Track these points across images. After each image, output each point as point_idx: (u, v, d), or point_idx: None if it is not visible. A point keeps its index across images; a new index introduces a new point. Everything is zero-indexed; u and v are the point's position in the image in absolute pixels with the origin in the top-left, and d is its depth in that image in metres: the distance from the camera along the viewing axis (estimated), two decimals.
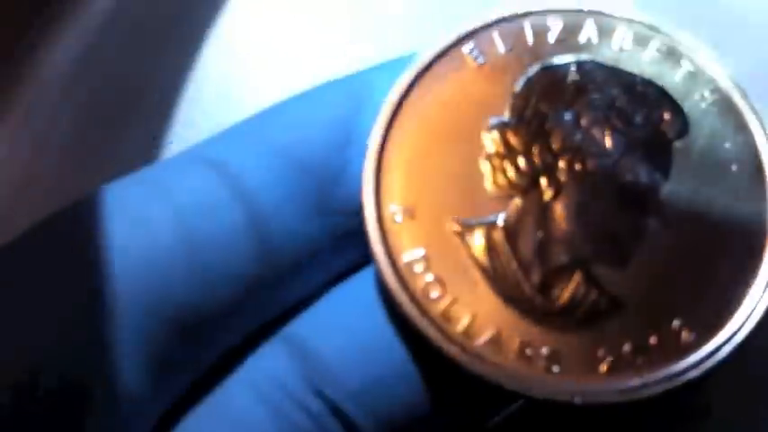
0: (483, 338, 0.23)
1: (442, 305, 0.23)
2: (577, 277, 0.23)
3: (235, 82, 0.34)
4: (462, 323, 0.23)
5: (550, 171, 0.24)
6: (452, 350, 0.23)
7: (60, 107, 0.34)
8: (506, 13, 0.25)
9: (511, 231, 0.24)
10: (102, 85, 0.34)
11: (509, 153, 0.24)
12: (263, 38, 0.34)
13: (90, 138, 0.34)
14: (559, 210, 0.24)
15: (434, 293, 0.23)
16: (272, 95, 0.27)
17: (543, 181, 0.24)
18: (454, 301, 0.23)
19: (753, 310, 0.23)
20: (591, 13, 0.25)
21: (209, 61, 0.34)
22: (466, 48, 0.25)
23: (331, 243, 0.24)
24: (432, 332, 0.23)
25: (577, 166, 0.24)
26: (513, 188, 0.24)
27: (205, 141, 0.25)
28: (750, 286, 0.23)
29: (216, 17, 0.34)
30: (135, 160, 0.31)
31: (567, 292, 0.23)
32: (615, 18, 0.25)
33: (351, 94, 0.25)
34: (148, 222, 0.23)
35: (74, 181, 0.33)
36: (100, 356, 0.22)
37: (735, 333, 0.23)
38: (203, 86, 0.34)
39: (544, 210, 0.24)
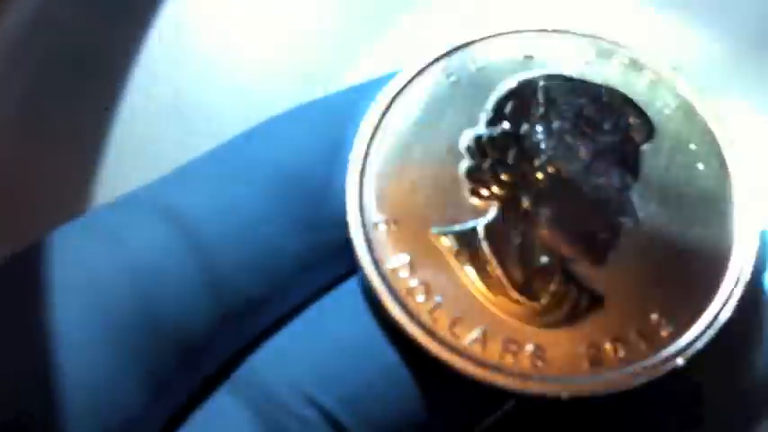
0: (469, 338, 0.23)
1: (428, 307, 0.24)
2: (558, 277, 0.24)
3: (188, 50, 0.34)
4: (448, 324, 0.23)
5: (527, 179, 0.25)
6: (440, 351, 0.23)
7: (9, 76, 0.33)
8: (477, 36, 0.26)
9: (492, 236, 0.24)
10: (53, 53, 0.34)
11: (487, 165, 0.25)
12: (215, 5, 0.34)
13: (40, 108, 0.33)
14: (538, 215, 0.24)
15: (420, 297, 0.24)
16: (224, 63, 0.27)
17: (521, 189, 0.25)
18: (439, 304, 0.24)
19: (727, 301, 0.24)
20: (556, 31, 0.26)
21: (163, 29, 0.34)
22: (439, 67, 0.26)
23: (318, 257, 0.25)
24: (419, 334, 0.23)
25: (552, 173, 0.25)
26: (492, 197, 0.25)
27: (165, 178, 0.25)
28: (722, 278, 0.24)
29: None
30: (86, 131, 0.32)
31: (548, 291, 0.24)
32: (579, 35, 0.26)
33: (334, 112, 0.26)
34: (103, 279, 0.23)
35: (24, 151, 0.32)
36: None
37: (711, 323, 0.24)
38: (157, 55, 0.34)
39: (523, 216, 0.24)
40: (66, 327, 0.22)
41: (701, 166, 0.25)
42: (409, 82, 0.26)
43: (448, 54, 0.26)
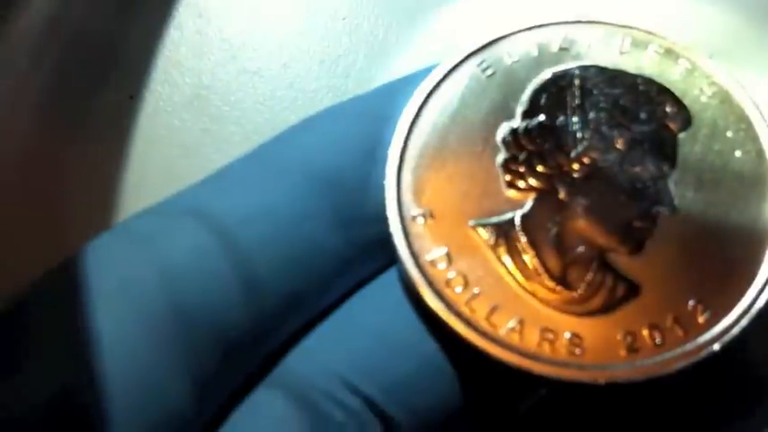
0: (506, 327, 0.24)
1: (466, 297, 0.24)
2: (594, 266, 0.24)
3: (210, 38, 0.34)
4: (486, 314, 0.24)
5: (563, 170, 0.25)
6: (478, 340, 0.23)
7: (33, 66, 0.33)
8: (512, 29, 0.26)
9: (528, 227, 0.24)
10: (77, 42, 0.34)
11: (523, 157, 0.25)
12: (230, 10, 0.34)
13: (65, 99, 0.33)
14: (574, 205, 0.24)
15: (458, 288, 0.24)
16: (246, 51, 0.27)
17: (557, 180, 0.25)
18: (477, 294, 0.24)
19: (764, 287, 0.24)
20: (590, 22, 0.26)
21: (185, 18, 0.34)
22: (476, 61, 0.26)
23: (358, 252, 0.25)
24: (458, 324, 0.23)
25: (588, 163, 0.25)
26: (529, 188, 0.25)
27: (198, 188, 0.25)
28: (759, 264, 0.24)
29: None
30: (112, 121, 0.32)
31: (585, 280, 0.24)
32: (613, 25, 0.26)
33: (370, 110, 0.26)
34: (143, 285, 0.23)
35: (50, 141, 0.32)
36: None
37: (748, 309, 0.24)
38: (179, 44, 0.33)
39: (559, 206, 0.25)
40: (111, 332, 0.22)
41: (738, 153, 0.25)
42: (445, 77, 0.25)
43: (483, 48, 0.26)
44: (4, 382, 0.22)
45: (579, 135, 0.25)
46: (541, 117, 0.25)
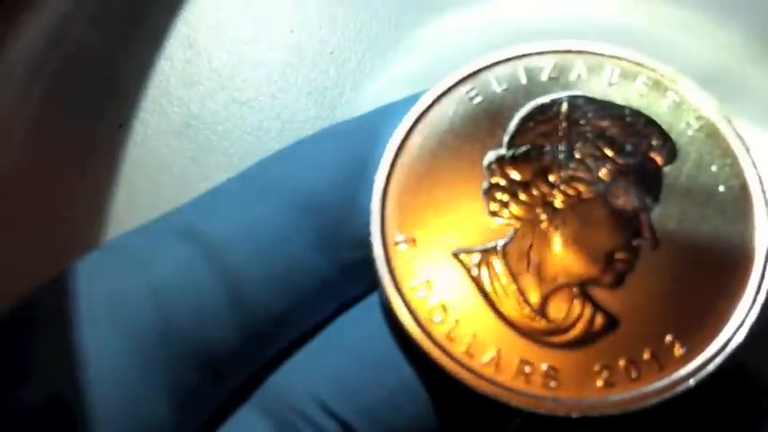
0: (484, 358, 0.23)
1: (446, 327, 0.23)
2: (574, 297, 0.24)
3: (199, 69, 0.33)
4: (464, 343, 0.23)
5: (547, 200, 0.24)
6: (455, 369, 0.23)
7: (27, 93, 0.33)
8: (501, 56, 0.25)
9: (510, 256, 0.24)
10: (70, 71, 0.33)
11: (507, 185, 0.24)
12: (226, 25, 0.34)
13: (57, 123, 0.33)
14: (556, 236, 0.24)
15: (437, 317, 0.23)
16: (234, 82, 0.27)
17: (540, 209, 0.24)
18: (457, 323, 0.23)
19: (741, 324, 0.23)
20: (580, 52, 0.25)
21: (175, 48, 0.34)
22: (464, 88, 0.25)
23: (341, 275, 0.25)
24: (436, 352, 0.23)
25: (572, 194, 0.24)
26: (512, 217, 0.24)
27: (185, 208, 0.25)
28: (738, 301, 0.23)
29: (183, 3, 0.34)
30: (102, 147, 0.32)
31: (564, 312, 0.24)
32: (603, 55, 0.25)
33: (358, 134, 0.25)
34: (130, 301, 0.23)
35: (41, 165, 0.32)
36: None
37: (724, 346, 0.23)
38: (169, 73, 0.33)
39: (541, 236, 0.24)
40: (98, 346, 0.23)
41: (721, 188, 0.24)
42: (434, 102, 0.25)
43: (472, 75, 0.25)
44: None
45: (564, 165, 0.24)
46: (527, 146, 0.24)
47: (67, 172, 0.32)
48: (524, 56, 0.25)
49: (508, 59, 0.25)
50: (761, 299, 0.23)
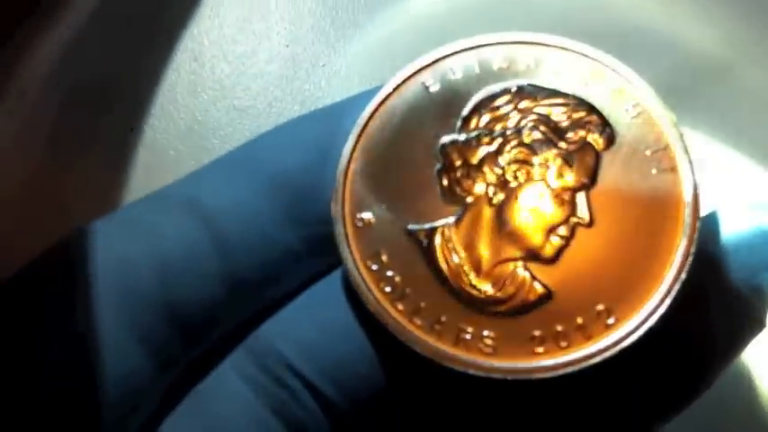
0: (429, 324, 0.24)
1: (394, 296, 0.24)
2: (515, 271, 0.24)
3: (204, 79, 0.35)
4: (412, 311, 0.24)
5: (495, 181, 0.25)
6: (402, 335, 0.24)
7: (46, 99, 0.35)
8: (457, 47, 0.26)
9: (458, 232, 0.25)
10: (85, 81, 0.35)
11: (459, 166, 0.25)
12: (228, 40, 0.36)
13: (73, 128, 0.34)
14: (502, 214, 0.25)
15: (388, 287, 0.24)
16: (235, 91, 0.28)
17: (488, 189, 0.25)
18: (405, 294, 0.24)
19: (665, 296, 0.24)
20: (529, 43, 0.26)
21: (182, 60, 0.35)
22: (423, 77, 0.26)
23: (309, 249, 0.25)
24: (386, 320, 0.24)
25: (519, 176, 0.25)
26: (462, 196, 0.25)
27: (188, 177, 0.27)
28: (663, 275, 0.24)
29: (189, 20, 0.36)
30: (114, 151, 0.33)
31: (504, 284, 0.24)
32: (550, 46, 0.26)
33: (326, 121, 0.26)
34: (130, 257, 0.25)
35: (57, 167, 0.33)
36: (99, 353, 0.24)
37: (649, 316, 0.24)
38: (176, 83, 0.35)
39: (488, 214, 0.25)
40: (94, 304, 0.24)
41: (654, 171, 0.25)
42: (394, 91, 0.26)
43: (430, 65, 0.26)
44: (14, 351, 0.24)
45: (511, 149, 0.25)
46: (479, 130, 0.25)
47: (84, 173, 0.33)
48: (478, 47, 0.26)
49: (463, 50, 0.26)
50: (683, 276, 0.24)
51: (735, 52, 0.34)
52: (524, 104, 0.25)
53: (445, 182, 0.25)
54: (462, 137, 0.25)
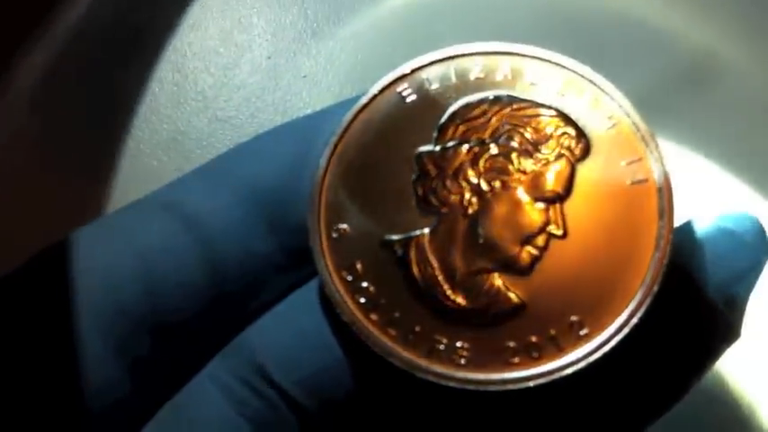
0: (402, 335, 0.24)
1: (368, 307, 0.24)
2: (488, 283, 0.24)
3: (186, 90, 0.35)
4: (386, 321, 0.24)
5: (471, 190, 0.24)
6: (377, 345, 0.24)
7: (32, 109, 0.35)
8: (434, 57, 0.26)
9: (432, 243, 0.24)
10: (71, 92, 0.35)
11: (435, 175, 0.25)
12: (210, 53, 0.36)
13: (59, 138, 0.34)
14: (477, 224, 0.24)
15: (362, 298, 0.24)
16: (217, 102, 0.28)
17: (464, 199, 0.24)
18: (379, 305, 0.24)
19: (637, 308, 0.23)
20: (506, 54, 0.26)
21: (165, 72, 0.35)
22: (399, 87, 0.26)
23: (289, 258, 0.25)
24: (362, 330, 0.24)
25: (495, 186, 0.24)
26: (438, 206, 0.25)
27: (169, 184, 0.26)
28: (636, 288, 0.24)
29: (172, 32, 0.36)
30: (98, 160, 0.33)
31: (478, 295, 0.24)
32: (527, 57, 0.26)
33: (302, 131, 0.26)
34: (111, 265, 0.24)
35: (43, 175, 0.33)
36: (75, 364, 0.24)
37: (621, 327, 0.23)
38: (159, 94, 0.35)
39: (464, 224, 0.24)
40: (75, 314, 0.24)
41: (628, 182, 0.24)
42: (370, 101, 0.25)
43: (407, 75, 0.26)
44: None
45: (487, 159, 0.24)
46: (455, 140, 0.25)
47: (67, 181, 0.33)
48: (455, 57, 0.26)
49: (440, 60, 0.26)
50: (656, 288, 0.24)
51: (709, 62, 0.34)
52: (500, 114, 0.25)
53: (420, 191, 0.24)
54: (438, 147, 0.25)
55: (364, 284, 0.24)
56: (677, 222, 0.24)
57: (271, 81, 0.34)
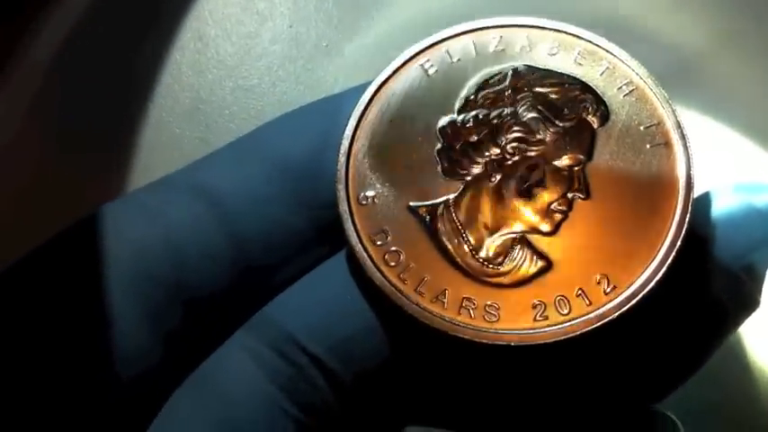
0: (432, 296, 0.24)
1: (399, 270, 0.24)
2: (515, 244, 0.25)
3: (208, 59, 0.35)
4: (416, 284, 0.24)
5: (494, 159, 0.25)
6: (408, 307, 0.24)
7: (55, 79, 0.35)
8: (454, 31, 0.26)
9: (459, 208, 0.25)
10: (93, 62, 0.35)
11: (459, 146, 0.25)
12: (232, 21, 0.36)
13: (82, 108, 0.35)
14: (501, 190, 0.25)
15: (393, 262, 0.25)
16: (239, 71, 0.29)
17: (488, 167, 0.25)
18: (409, 269, 0.25)
19: (660, 266, 0.24)
20: (524, 26, 0.26)
21: (186, 41, 0.36)
22: (421, 60, 0.26)
23: (316, 232, 0.26)
24: (392, 293, 0.24)
25: (517, 154, 0.25)
26: (462, 174, 0.25)
27: (197, 162, 0.27)
28: (659, 245, 0.24)
29: (192, 2, 0.36)
30: (122, 130, 0.34)
31: (506, 257, 0.25)
32: (544, 29, 0.26)
33: (329, 107, 0.27)
34: (143, 240, 0.25)
35: (67, 145, 0.34)
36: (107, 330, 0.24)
37: (646, 283, 0.24)
38: (180, 63, 0.35)
39: (488, 190, 0.25)
40: (105, 286, 0.24)
41: (648, 146, 0.25)
42: (393, 74, 0.26)
43: (428, 48, 0.26)
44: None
45: (509, 128, 0.25)
46: (477, 111, 0.25)
47: (92, 151, 0.34)
48: (474, 30, 0.26)
49: (460, 34, 0.26)
50: (679, 244, 0.24)
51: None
52: (520, 85, 0.26)
53: (445, 161, 0.25)
54: (461, 117, 0.25)
55: (394, 249, 0.25)
56: (696, 188, 0.25)
57: (292, 50, 0.34)
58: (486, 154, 0.25)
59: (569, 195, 0.25)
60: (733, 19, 0.35)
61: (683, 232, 0.24)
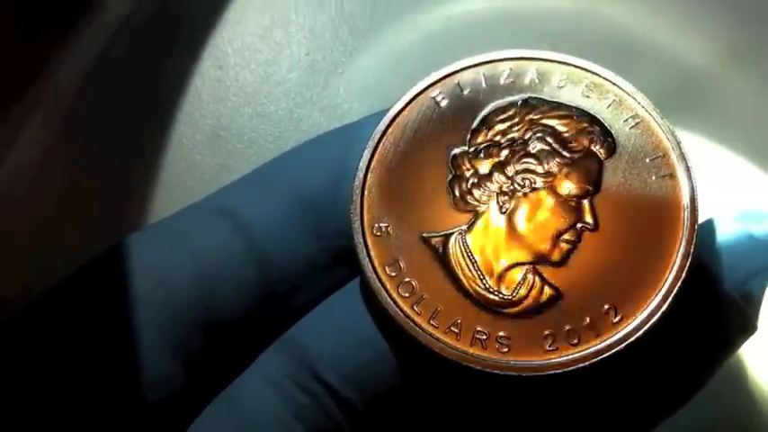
0: (446, 327, 0.25)
1: (412, 301, 0.25)
2: (525, 275, 0.25)
3: (227, 86, 0.36)
4: (429, 314, 0.25)
5: (504, 189, 0.26)
6: (421, 338, 0.25)
7: (79, 106, 0.36)
8: (465, 64, 0.27)
9: (470, 239, 0.25)
10: (117, 88, 0.36)
11: (469, 176, 0.26)
12: (251, 49, 0.37)
13: (107, 135, 0.35)
14: (511, 220, 0.25)
15: (406, 293, 0.25)
16: (258, 97, 0.29)
17: (498, 198, 0.26)
18: (422, 299, 0.25)
19: (666, 296, 0.25)
20: (533, 59, 0.27)
21: (207, 68, 0.36)
22: (433, 92, 0.27)
23: (331, 260, 0.26)
24: (405, 323, 0.25)
25: (527, 185, 0.25)
26: (473, 205, 0.26)
27: (221, 191, 0.27)
28: (666, 275, 0.25)
29: (213, 29, 0.37)
30: (145, 155, 0.34)
31: (516, 287, 0.25)
32: (553, 62, 0.26)
33: (343, 138, 0.27)
34: (169, 266, 0.25)
35: (94, 168, 0.35)
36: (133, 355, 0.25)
37: (653, 313, 0.24)
38: (201, 90, 0.36)
39: (498, 221, 0.25)
40: (132, 314, 0.25)
41: (653, 178, 0.25)
42: (405, 107, 0.26)
43: (440, 80, 0.27)
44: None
45: (519, 159, 0.26)
46: (487, 142, 0.26)
47: (118, 173, 0.34)
48: (485, 63, 0.27)
49: (471, 66, 0.27)
50: (684, 274, 0.25)
51: (723, 61, 0.35)
52: (530, 117, 0.26)
53: (457, 192, 0.26)
54: (472, 149, 0.26)
55: (407, 279, 0.25)
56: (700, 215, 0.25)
57: (309, 77, 0.35)
58: (497, 184, 0.26)
59: (578, 226, 0.25)
60: (742, 39, 0.35)
61: (689, 263, 0.25)
